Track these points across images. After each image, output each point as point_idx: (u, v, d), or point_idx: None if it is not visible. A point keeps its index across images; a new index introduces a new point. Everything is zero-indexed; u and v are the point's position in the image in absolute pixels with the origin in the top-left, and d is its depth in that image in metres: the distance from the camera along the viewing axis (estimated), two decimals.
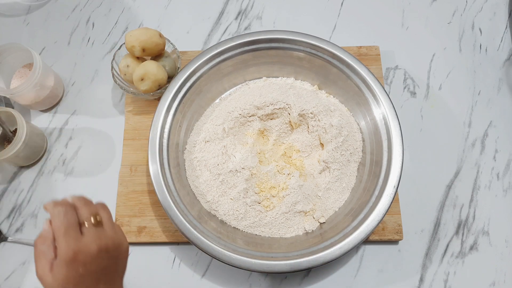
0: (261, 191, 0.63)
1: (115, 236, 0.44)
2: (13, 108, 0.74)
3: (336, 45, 0.66)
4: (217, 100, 0.72)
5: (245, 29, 0.81)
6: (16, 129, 0.68)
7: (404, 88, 0.75)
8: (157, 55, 0.70)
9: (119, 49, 0.70)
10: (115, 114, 0.75)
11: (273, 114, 0.67)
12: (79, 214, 0.42)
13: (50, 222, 0.41)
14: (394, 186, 0.58)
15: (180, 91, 0.66)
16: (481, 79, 0.75)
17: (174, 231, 0.65)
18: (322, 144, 0.66)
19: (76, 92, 0.77)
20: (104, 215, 0.44)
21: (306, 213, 0.63)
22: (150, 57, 0.70)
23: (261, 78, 0.72)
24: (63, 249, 0.40)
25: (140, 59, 0.70)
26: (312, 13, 0.82)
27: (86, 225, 0.42)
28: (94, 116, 0.75)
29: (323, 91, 0.71)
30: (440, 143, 0.71)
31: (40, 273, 0.41)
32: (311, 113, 0.65)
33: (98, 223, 0.43)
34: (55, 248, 0.41)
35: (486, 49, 0.78)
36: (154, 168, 0.61)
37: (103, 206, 0.45)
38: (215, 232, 0.59)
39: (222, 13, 0.82)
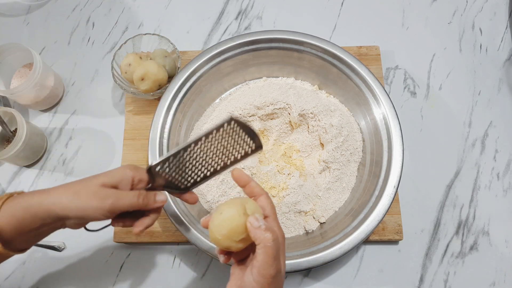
0: None
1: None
2: (13, 108, 0.74)
3: (336, 45, 0.66)
4: (217, 100, 0.72)
5: (245, 29, 0.81)
6: (16, 129, 0.68)
7: (404, 88, 0.75)
8: None
9: (119, 49, 0.70)
10: (115, 114, 0.75)
11: (273, 114, 0.67)
12: None
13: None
14: (394, 186, 0.58)
15: (180, 91, 0.66)
16: (481, 79, 0.75)
17: (174, 231, 0.65)
18: (322, 144, 0.66)
19: (76, 92, 0.77)
20: None
21: (306, 213, 0.63)
22: None
23: (261, 78, 0.72)
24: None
25: (142, 58, 0.70)
26: (312, 13, 0.82)
27: None
28: (94, 116, 0.75)
29: (323, 91, 0.71)
30: (440, 143, 0.71)
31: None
32: (311, 113, 0.65)
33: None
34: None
35: (486, 49, 0.78)
36: None
37: None
38: None
39: (222, 13, 0.82)
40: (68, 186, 0.44)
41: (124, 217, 0.47)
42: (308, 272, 0.65)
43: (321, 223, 0.63)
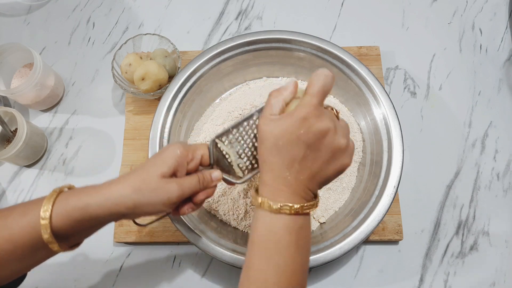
0: None
1: (343, 140, 0.41)
2: (13, 108, 0.74)
3: (337, 45, 0.66)
4: (217, 100, 0.72)
5: (246, 29, 0.81)
6: (16, 129, 0.69)
7: (404, 88, 0.75)
8: None
9: (119, 49, 0.70)
10: (115, 114, 0.75)
11: None
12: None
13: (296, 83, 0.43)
14: (394, 186, 0.58)
15: (180, 91, 0.66)
16: (481, 80, 0.75)
17: (174, 231, 0.65)
18: None
19: (76, 92, 0.77)
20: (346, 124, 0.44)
21: None
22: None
23: (262, 78, 0.72)
24: (301, 106, 0.40)
25: (142, 58, 0.70)
26: (312, 13, 0.82)
27: (330, 109, 0.43)
28: (95, 116, 0.75)
29: None
30: (440, 143, 0.71)
31: (262, 120, 0.42)
32: None
33: (338, 116, 0.43)
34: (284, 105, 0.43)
35: (486, 50, 0.78)
36: None
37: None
38: (215, 232, 0.59)
39: (222, 13, 0.82)
40: (125, 182, 0.42)
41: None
42: (308, 272, 0.65)
43: (321, 223, 0.63)
